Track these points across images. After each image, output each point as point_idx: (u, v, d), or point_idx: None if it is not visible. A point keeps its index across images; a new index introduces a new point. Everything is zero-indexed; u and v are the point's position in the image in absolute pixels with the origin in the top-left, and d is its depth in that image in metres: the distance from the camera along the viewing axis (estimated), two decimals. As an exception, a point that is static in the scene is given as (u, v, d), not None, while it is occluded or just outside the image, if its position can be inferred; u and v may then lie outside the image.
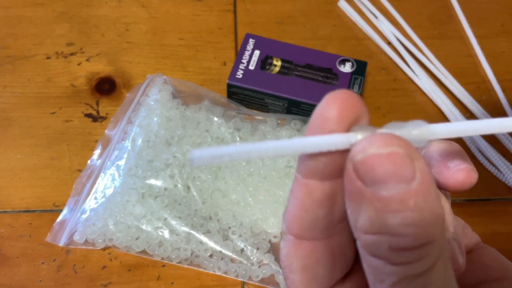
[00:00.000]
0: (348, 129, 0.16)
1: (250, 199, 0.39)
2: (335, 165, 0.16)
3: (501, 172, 0.42)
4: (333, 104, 0.15)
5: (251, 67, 0.43)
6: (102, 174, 0.40)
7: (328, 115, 0.15)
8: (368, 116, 0.16)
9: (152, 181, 0.39)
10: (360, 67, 0.43)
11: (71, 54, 0.47)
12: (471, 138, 0.44)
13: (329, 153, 0.16)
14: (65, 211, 0.39)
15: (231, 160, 0.15)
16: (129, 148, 0.40)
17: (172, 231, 0.37)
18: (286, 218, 0.18)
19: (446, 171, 0.20)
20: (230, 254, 0.37)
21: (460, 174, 0.20)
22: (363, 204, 0.15)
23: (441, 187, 0.21)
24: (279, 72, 0.43)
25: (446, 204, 0.20)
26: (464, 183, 0.20)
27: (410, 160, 0.14)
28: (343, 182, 0.16)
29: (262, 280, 0.37)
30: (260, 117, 0.43)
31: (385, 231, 0.14)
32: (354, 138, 0.15)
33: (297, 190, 0.17)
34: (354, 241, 0.18)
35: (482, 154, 0.43)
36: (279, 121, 0.43)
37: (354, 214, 0.15)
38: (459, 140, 0.44)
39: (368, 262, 0.16)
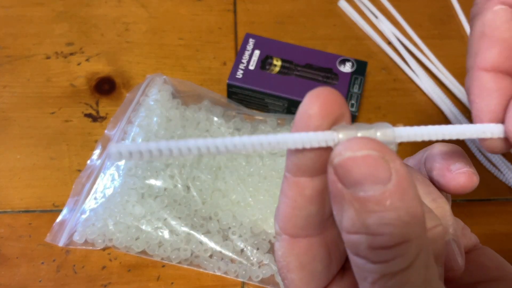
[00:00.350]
0: (331, 125, 0.16)
1: (250, 199, 0.39)
2: (322, 161, 0.16)
3: (501, 172, 0.42)
4: (315, 101, 0.16)
5: (251, 67, 0.43)
6: (102, 174, 0.40)
7: (311, 112, 0.16)
8: (349, 113, 0.17)
9: (152, 181, 0.39)
10: (360, 67, 0.43)
11: (71, 54, 0.47)
12: (471, 138, 0.44)
13: (315, 150, 0.16)
14: (64, 211, 0.39)
15: (159, 157, 0.15)
16: (129, 148, 0.40)
17: (172, 231, 0.37)
18: (279, 218, 0.18)
19: (448, 174, 0.21)
20: (230, 254, 0.37)
21: (462, 177, 0.20)
22: (345, 205, 0.15)
23: (442, 189, 0.21)
24: (279, 72, 0.43)
25: (446, 206, 0.20)
26: (465, 187, 0.20)
27: (384, 162, 0.15)
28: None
29: (262, 281, 0.37)
30: (260, 117, 0.43)
31: (364, 230, 0.15)
32: (330, 136, 0.16)
33: (288, 189, 0.17)
34: None
35: (482, 154, 0.43)
36: (279, 121, 0.43)
37: (339, 215, 0.16)
38: (460, 140, 0.44)
39: (352, 261, 0.16)
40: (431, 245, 0.17)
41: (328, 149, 0.16)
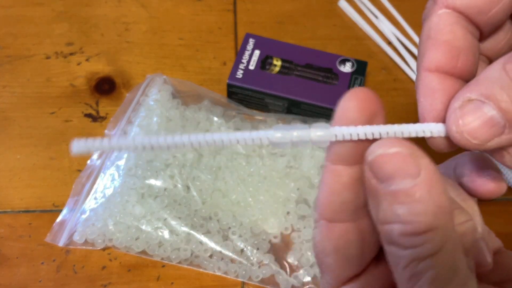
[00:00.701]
0: (367, 120, 0.18)
1: (250, 199, 0.39)
2: (359, 151, 0.18)
3: (501, 172, 0.42)
4: (354, 98, 0.18)
5: (251, 67, 0.43)
6: (101, 174, 0.40)
7: (349, 106, 0.18)
8: (383, 112, 0.18)
9: (152, 181, 0.39)
10: (360, 67, 0.43)
11: (71, 54, 0.47)
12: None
13: (354, 141, 0.18)
14: (64, 211, 0.39)
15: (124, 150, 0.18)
16: (129, 148, 0.40)
17: (172, 231, 0.37)
18: (318, 205, 0.20)
19: (478, 180, 0.23)
20: (230, 254, 0.37)
21: (491, 183, 0.22)
22: (379, 199, 0.17)
23: (471, 194, 0.23)
24: (279, 72, 0.43)
25: (475, 207, 0.23)
26: (494, 192, 0.22)
27: (413, 158, 0.17)
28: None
29: (262, 281, 0.37)
30: (260, 117, 0.43)
31: (396, 220, 0.17)
32: (314, 133, 0.18)
33: (327, 176, 0.19)
34: None
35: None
36: (279, 121, 0.43)
37: (374, 209, 0.18)
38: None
39: (387, 250, 0.18)
40: (462, 238, 0.19)
41: (365, 141, 0.18)
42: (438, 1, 0.21)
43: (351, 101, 0.18)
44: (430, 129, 0.20)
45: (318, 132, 0.18)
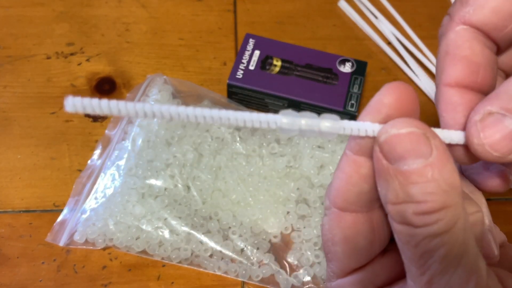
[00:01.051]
0: (400, 117, 0.18)
1: (250, 199, 0.39)
2: None
3: (501, 172, 0.42)
4: (391, 93, 0.18)
5: (251, 67, 0.43)
6: (102, 174, 0.40)
7: (385, 101, 0.18)
8: (419, 111, 0.19)
9: (152, 181, 0.39)
10: (360, 67, 0.43)
11: (71, 54, 0.47)
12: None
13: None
14: (65, 211, 0.39)
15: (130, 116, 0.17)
16: (129, 148, 0.40)
17: (172, 231, 0.37)
18: (331, 192, 0.20)
19: (485, 173, 0.23)
20: (230, 254, 0.37)
21: (498, 177, 0.23)
22: (389, 180, 0.17)
23: (478, 187, 0.23)
24: (279, 72, 0.43)
25: (482, 199, 0.23)
26: (500, 186, 0.23)
27: (426, 138, 0.17)
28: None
29: (262, 280, 0.37)
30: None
31: (408, 199, 0.17)
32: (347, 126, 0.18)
33: (346, 165, 0.19)
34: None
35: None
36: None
37: (383, 189, 0.18)
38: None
39: (397, 230, 0.18)
40: (472, 229, 0.19)
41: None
42: (455, 17, 0.21)
43: (388, 96, 0.18)
44: (450, 136, 0.20)
45: (327, 123, 0.18)
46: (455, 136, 0.20)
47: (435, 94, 0.22)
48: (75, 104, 0.16)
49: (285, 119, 0.18)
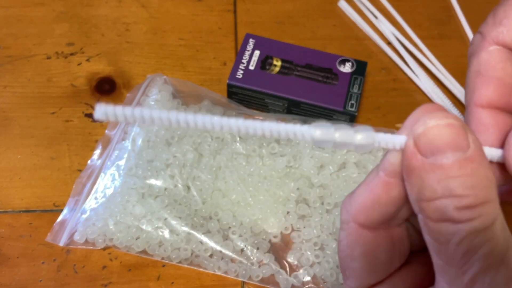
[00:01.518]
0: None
1: (250, 199, 0.39)
2: None
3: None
4: (426, 111, 0.18)
5: (251, 67, 0.43)
6: (102, 174, 0.40)
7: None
8: None
9: (152, 181, 0.39)
10: (360, 67, 0.43)
11: (71, 54, 0.47)
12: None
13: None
14: (65, 211, 0.39)
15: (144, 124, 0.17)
16: (129, 148, 0.40)
17: (172, 231, 0.37)
18: (354, 207, 0.19)
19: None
20: (230, 254, 0.37)
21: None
22: (424, 176, 0.17)
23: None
24: (279, 72, 0.43)
25: None
26: (505, 197, 0.22)
27: (464, 131, 0.17)
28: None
29: (262, 280, 0.37)
30: (260, 117, 0.43)
31: (448, 194, 0.16)
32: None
33: (376, 185, 0.19)
34: (411, 232, 0.20)
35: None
36: (279, 121, 0.43)
37: (416, 187, 0.17)
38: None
39: (434, 230, 0.17)
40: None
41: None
42: (487, 37, 0.21)
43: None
44: (487, 152, 0.19)
45: (361, 135, 0.17)
46: (491, 153, 0.19)
47: (465, 114, 0.22)
48: (106, 112, 0.16)
49: (319, 131, 0.17)
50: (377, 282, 0.20)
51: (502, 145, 0.20)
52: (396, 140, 0.17)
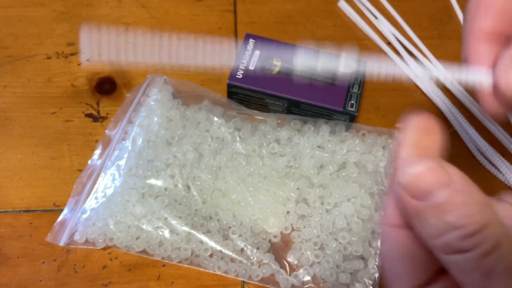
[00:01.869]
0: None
1: (250, 199, 0.39)
2: None
3: (501, 172, 0.42)
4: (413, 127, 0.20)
5: (251, 67, 0.43)
6: (102, 174, 0.40)
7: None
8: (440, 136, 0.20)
9: (152, 181, 0.39)
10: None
11: (71, 54, 0.47)
12: (470, 138, 0.44)
13: None
14: (65, 211, 0.39)
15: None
16: (130, 148, 0.40)
17: (172, 231, 0.38)
18: (388, 211, 0.21)
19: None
20: (230, 253, 0.37)
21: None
22: (423, 216, 0.18)
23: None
24: (279, 72, 0.43)
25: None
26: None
27: (443, 169, 0.18)
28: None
29: (262, 280, 0.37)
30: (260, 117, 0.43)
31: (450, 228, 0.18)
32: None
33: (393, 242, 0.20)
34: None
35: (482, 154, 0.43)
36: (279, 121, 0.43)
37: (421, 228, 0.19)
38: (459, 140, 0.44)
39: (450, 262, 0.18)
40: None
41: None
42: None
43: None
44: (475, 74, 0.20)
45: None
46: (482, 78, 0.20)
47: (462, 42, 0.22)
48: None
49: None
50: (421, 284, 0.21)
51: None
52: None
